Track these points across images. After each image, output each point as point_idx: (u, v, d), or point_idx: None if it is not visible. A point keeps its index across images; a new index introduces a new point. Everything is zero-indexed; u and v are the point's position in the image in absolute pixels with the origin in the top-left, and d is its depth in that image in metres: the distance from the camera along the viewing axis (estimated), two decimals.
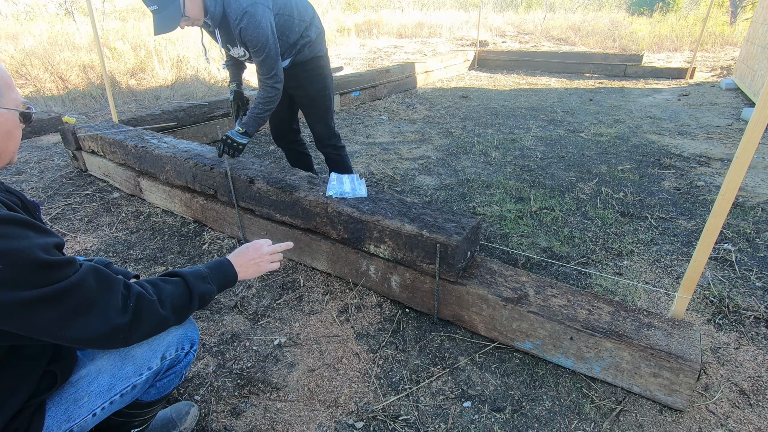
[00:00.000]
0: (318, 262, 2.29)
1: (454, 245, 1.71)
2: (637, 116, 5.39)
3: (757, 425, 1.47)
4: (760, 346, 1.79)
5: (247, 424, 1.49)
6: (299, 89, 2.57)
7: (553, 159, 3.94)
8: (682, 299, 1.60)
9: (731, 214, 2.85)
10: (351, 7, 19.60)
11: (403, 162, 3.93)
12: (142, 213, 3.01)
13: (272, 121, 2.85)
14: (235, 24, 2.10)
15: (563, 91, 7.11)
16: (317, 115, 2.66)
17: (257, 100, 2.29)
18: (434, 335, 1.87)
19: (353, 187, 2.17)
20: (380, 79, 6.52)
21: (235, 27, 2.11)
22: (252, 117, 2.33)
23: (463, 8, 21.13)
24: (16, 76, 6.48)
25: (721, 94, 6.47)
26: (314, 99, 2.60)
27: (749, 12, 13.65)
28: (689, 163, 3.78)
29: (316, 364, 1.75)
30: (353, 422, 1.50)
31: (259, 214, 2.42)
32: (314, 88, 2.56)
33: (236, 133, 2.35)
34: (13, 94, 0.93)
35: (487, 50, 9.90)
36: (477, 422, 1.49)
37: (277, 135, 2.93)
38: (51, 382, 1.00)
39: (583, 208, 2.98)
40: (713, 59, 9.95)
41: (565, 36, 13.44)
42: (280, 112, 2.76)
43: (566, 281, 2.22)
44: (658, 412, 1.50)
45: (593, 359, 1.59)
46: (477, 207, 3.02)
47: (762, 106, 1.24)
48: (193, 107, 4.33)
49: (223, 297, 2.14)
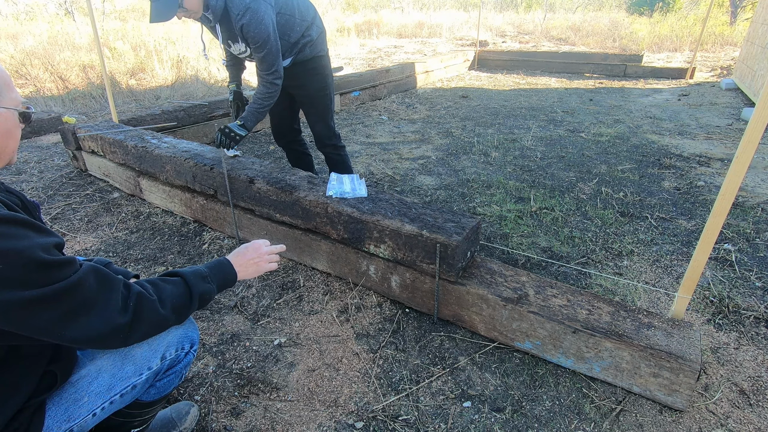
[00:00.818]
0: (318, 262, 2.29)
1: (454, 245, 1.71)
2: (637, 116, 5.39)
3: (757, 425, 1.47)
4: (760, 346, 1.79)
5: (247, 424, 1.49)
6: (300, 88, 2.57)
7: (553, 159, 3.94)
8: (682, 299, 1.60)
9: (731, 214, 2.86)
10: (351, 7, 19.60)
11: (403, 162, 3.93)
12: (142, 213, 3.01)
13: (273, 120, 2.86)
14: (237, 19, 2.12)
15: (563, 91, 7.11)
16: (317, 114, 2.66)
17: (256, 95, 2.31)
18: (434, 335, 1.87)
19: (353, 187, 2.17)
20: (380, 79, 6.52)
21: (236, 22, 2.13)
22: (251, 112, 2.35)
23: (463, 8, 21.13)
24: (16, 76, 6.48)
25: (721, 94, 6.47)
26: (314, 98, 2.60)
27: (749, 12, 13.65)
28: (689, 163, 3.78)
29: (316, 364, 1.75)
30: (353, 422, 1.50)
31: (259, 214, 2.42)
32: (314, 87, 2.56)
33: (235, 125, 2.37)
34: (13, 94, 0.93)
35: (487, 50, 9.91)
36: (477, 422, 1.49)
37: (278, 134, 2.93)
38: (51, 382, 1.00)
39: (583, 208, 2.98)
40: (713, 59, 9.95)
41: (565, 36, 13.44)
42: (280, 112, 2.76)
43: (566, 281, 2.22)
44: (658, 412, 1.50)
45: (593, 359, 1.59)
46: (477, 207, 3.02)
47: (762, 106, 1.24)
48: (193, 107, 4.33)
49: (223, 297, 2.14)
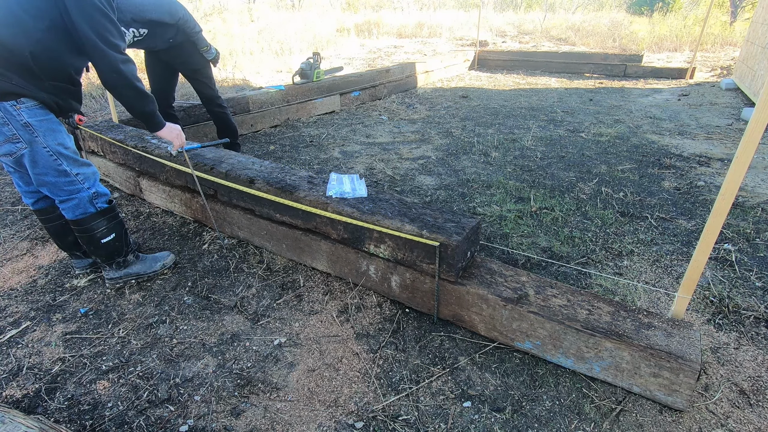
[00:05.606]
0: (318, 262, 2.29)
1: (454, 245, 1.71)
2: (637, 116, 5.39)
3: (757, 425, 1.47)
4: (760, 346, 1.79)
5: (247, 424, 1.49)
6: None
7: (553, 159, 3.94)
8: (682, 299, 1.60)
9: (731, 214, 2.85)
10: (351, 7, 19.59)
11: (403, 162, 3.93)
12: (142, 213, 3.01)
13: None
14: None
15: (563, 91, 7.11)
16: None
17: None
18: (434, 335, 1.87)
19: (353, 187, 2.18)
20: (380, 79, 6.52)
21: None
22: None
23: (463, 8, 21.12)
24: None
25: (721, 94, 6.47)
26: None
27: (749, 12, 13.65)
28: (689, 163, 3.78)
29: (316, 364, 1.75)
30: (353, 422, 1.50)
31: (259, 214, 2.42)
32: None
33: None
34: None
35: (487, 50, 9.90)
36: (477, 422, 1.49)
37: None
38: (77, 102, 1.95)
39: (583, 208, 2.98)
40: (713, 59, 9.95)
41: (565, 36, 13.44)
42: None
43: (566, 281, 2.22)
44: (658, 412, 1.50)
45: (593, 359, 1.59)
46: (477, 207, 3.02)
47: (762, 106, 1.24)
48: (193, 107, 4.33)
49: (223, 297, 2.15)
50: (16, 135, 1.73)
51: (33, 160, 1.80)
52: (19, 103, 1.69)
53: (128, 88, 1.82)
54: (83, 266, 2.32)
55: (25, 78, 1.68)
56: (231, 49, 8.62)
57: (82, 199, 1.95)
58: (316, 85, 5.45)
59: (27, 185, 2.03)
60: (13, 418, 1.26)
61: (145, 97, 1.89)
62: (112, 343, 1.87)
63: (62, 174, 1.87)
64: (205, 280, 2.29)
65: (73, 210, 1.96)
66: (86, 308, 2.09)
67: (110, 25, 1.70)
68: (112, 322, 2.00)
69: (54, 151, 1.82)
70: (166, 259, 2.35)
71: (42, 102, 1.75)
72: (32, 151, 1.78)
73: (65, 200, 1.94)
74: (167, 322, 1.99)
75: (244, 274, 2.33)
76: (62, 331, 1.94)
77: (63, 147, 1.85)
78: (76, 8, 1.62)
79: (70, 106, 1.88)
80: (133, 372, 1.72)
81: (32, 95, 1.71)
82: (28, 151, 1.78)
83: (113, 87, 1.81)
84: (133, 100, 1.87)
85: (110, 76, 1.77)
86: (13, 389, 1.65)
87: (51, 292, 2.21)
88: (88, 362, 1.77)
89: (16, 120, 1.70)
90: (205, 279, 2.29)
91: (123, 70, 1.76)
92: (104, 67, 1.74)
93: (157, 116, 2.00)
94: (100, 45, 1.68)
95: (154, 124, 2.01)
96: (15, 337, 1.92)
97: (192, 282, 2.27)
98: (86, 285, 2.26)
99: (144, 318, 2.02)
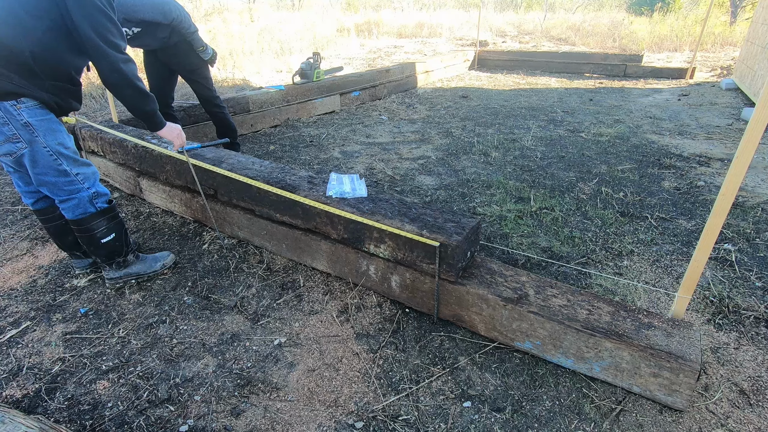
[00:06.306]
0: (318, 262, 2.29)
1: (454, 245, 1.71)
2: (637, 116, 5.39)
3: (757, 425, 1.47)
4: (760, 346, 1.79)
5: (247, 424, 1.49)
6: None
7: (553, 159, 3.94)
8: (682, 299, 1.60)
9: (731, 214, 2.85)
10: (351, 7, 19.59)
11: (403, 162, 3.93)
12: (142, 213, 3.01)
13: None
14: None
15: (563, 91, 7.11)
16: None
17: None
18: (434, 335, 1.87)
19: (353, 187, 2.18)
20: (380, 79, 6.52)
21: None
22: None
23: (463, 8, 21.12)
24: None
25: (721, 94, 6.47)
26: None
27: (749, 12, 13.64)
28: (689, 163, 3.78)
29: (316, 364, 1.75)
30: (353, 422, 1.50)
31: (259, 214, 2.42)
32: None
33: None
34: None
35: (487, 50, 9.90)
36: (477, 422, 1.49)
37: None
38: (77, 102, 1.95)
39: (583, 208, 2.98)
40: (713, 59, 9.95)
41: (565, 36, 13.44)
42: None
43: (566, 281, 2.22)
44: (658, 412, 1.50)
45: (593, 359, 1.59)
46: (477, 207, 3.02)
47: (762, 106, 1.24)
48: (193, 107, 4.33)
49: (223, 297, 2.15)
50: (17, 135, 1.73)
51: (33, 160, 1.80)
52: (20, 102, 1.69)
53: (129, 87, 1.82)
54: (83, 266, 2.32)
55: (25, 78, 1.68)
56: (231, 49, 8.62)
57: (82, 199, 1.96)
58: (316, 85, 5.45)
59: (27, 185, 2.03)
60: (13, 418, 1.26)
61: (145, 97, 1.90)
62: (112, 343, 1.87)
63: (62, 174, 1.87)
64: (205, 280, 2.29)
65: (73, 210, 1.97)
66: (86, 308, 2.09)
67: (111, 24, 1.71)
68: (112, 322, 2.00)
69: (54, 150, 1.82)
70: (166, 259, 2.35)
71: (42, 102, 1.75)
72: (32, 151, 1.78)
73: (65, 200, 1.94)
74: (167, 322, 1.99)
75: (244, 274, 2.33)
76: (62, 331, 1.94)
77: (63, 147, 1.85)
78: (78, 8, 1.62)
79: (70, 105, 1.88)
80: (133, 372, 1.72)
81: (32, 95, 1.71)
82: (28, 151, 1.78)
83: (114, 86, 1.82)
84: (133, 99, 1.87)
85: (111, 75, 1.77)
86: (13, 389, 1.65)
87: (51, 292, 2.21)
88: (88, 362, 1.77)
89: (17, 120, 1.70)
90: (205, 279, 2.29)
91: (124, 70, 1.76)
92: (105, 66, 1.74)
93: (158, 116, 2.00)
94: (100, 44, 1.68)
95: (155, 123, 2.02)
96: (15, 337, 1.92)
97: (192, 282, 2.27)
98: (86, 285, 2.26)
99: (144, 318, 2.02)
